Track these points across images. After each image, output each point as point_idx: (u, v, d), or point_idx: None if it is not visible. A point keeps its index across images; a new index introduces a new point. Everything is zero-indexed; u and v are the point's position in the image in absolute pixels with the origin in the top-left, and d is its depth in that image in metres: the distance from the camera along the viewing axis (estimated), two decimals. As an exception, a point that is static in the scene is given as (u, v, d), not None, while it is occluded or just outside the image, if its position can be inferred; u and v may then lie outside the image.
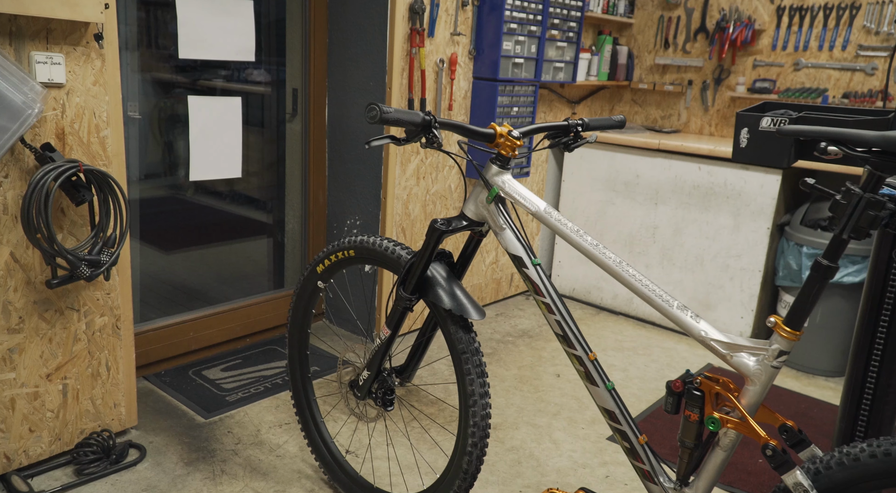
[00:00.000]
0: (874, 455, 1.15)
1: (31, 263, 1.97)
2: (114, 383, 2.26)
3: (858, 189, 1.15)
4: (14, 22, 1.79)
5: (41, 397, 2.09)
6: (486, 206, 1.64)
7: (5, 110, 1.71)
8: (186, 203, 3.21)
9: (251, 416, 2.54)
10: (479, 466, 1.72)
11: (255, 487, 2.14)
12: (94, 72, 1.98)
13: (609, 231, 3.79)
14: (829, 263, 1.20)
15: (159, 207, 3.06)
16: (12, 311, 1.97)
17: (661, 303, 1.38)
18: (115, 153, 2.08)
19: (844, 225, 1.16)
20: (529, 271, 1.56)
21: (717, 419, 1.32)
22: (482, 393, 1.68)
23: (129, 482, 2.12)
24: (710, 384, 1.33)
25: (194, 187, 3.17)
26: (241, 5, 2.71)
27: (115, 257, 2.00)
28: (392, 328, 1.80)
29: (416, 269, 1.70)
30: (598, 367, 1.50)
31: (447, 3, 3.03)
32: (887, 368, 1.66)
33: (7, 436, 2.04)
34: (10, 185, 1.88)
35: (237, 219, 3.37)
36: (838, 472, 1.19)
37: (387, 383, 1.86)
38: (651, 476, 1.44)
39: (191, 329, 2.92)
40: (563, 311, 1.54)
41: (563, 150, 1.74)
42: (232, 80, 3.10)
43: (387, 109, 1.34)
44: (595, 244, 1.47)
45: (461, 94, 3.23)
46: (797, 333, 1.25)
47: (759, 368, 1.28)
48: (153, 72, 2.85)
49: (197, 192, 3.20)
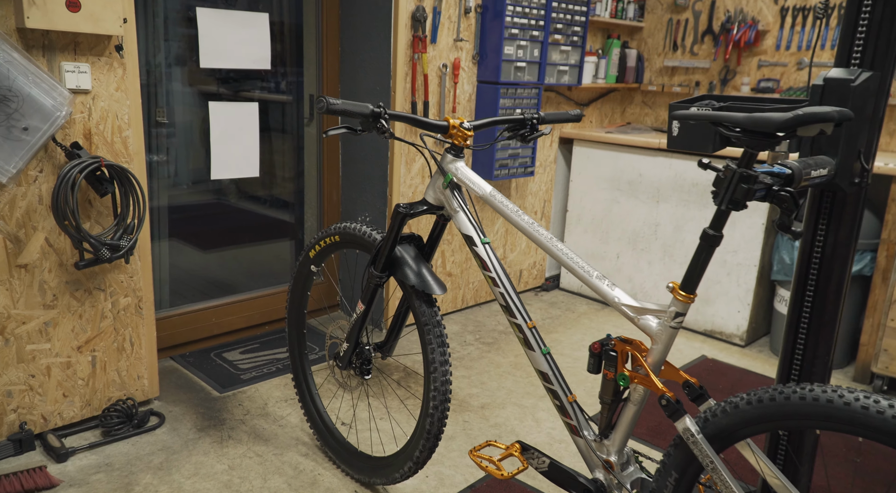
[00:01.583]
0: (749, 403, 1.30)
1: (63, 247, 2.26)
2: (137, 358, 2.53)
3: (734, 166, 1.30)
4: (46, 36, 2.08)
5: (73, 366, 2.38)
6: (442, 191, 1.84)
7: (37, 113, 2.00)
8: (222, 206, 3.50)
9: (261, 392, 2.79)
10: (441, 427, 1.91)
11: (256, 450, 2.37)
12: (117, 79, 2.26)
13: (614, 228, 3.92)
14: (714, 232, 1.35)
15: (200, 211, 3.37)
16: (47, 289, 2.26)
17: (584, 274, 1.55)
18: (136, 151, 2.36)
19: (723, 197, 1.31)
20: (479, 249, 1.75)
21: (627, 376, 1.48)
22: (442, 361, 1.87)
23: (148, 443, 2.38)
24: (622, 346, 1.49)
25: (236, 192, 3.47)
26: (257, 19, 2.98)
27: (133, 242, 2.28)
28: (366, 304, 2.01)
29: (383, 249, 1.91)
30: (535, 334, 1.67)
31: (449, 11, 3.24)
32: (812, 341, 1.78)
33: (44, 399, 2.33)
34: (45, 178, 2.17)
35: (266, 219, 3.64)
36: (722, 418, 1.34)
37: (364, 354, 2.07)
38: (577, 430, 1.60)
39: (213, 315, 3.20)
40: (507, 284, 1.72)
41: (521, 140, 1.92)
42: (255, 89, 3.38)
43: (333, 101, 1.55)
44: (531, 222, 1.65)
45: (465, 97, 3.43)
46: (691, 296, 1.40)
47: (660, 328, 1.44)
48: (188, 81, 3.14)
49: (230, 195, 3.49)
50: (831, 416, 1.20)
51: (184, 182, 3.26)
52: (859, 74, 1.55)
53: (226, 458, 2.32)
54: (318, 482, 2.22)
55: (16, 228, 2.15)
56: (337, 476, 2.25)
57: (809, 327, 1.75)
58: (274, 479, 2.22)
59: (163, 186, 3.11)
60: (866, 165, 1.60)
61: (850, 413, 1.17)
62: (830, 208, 1.68)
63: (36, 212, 2.17)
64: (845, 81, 1.53)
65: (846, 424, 1.18)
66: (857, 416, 1.16)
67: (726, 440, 1.36)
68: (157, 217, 3.09)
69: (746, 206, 1.31)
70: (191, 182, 3.28)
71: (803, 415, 1.23)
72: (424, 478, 2.25)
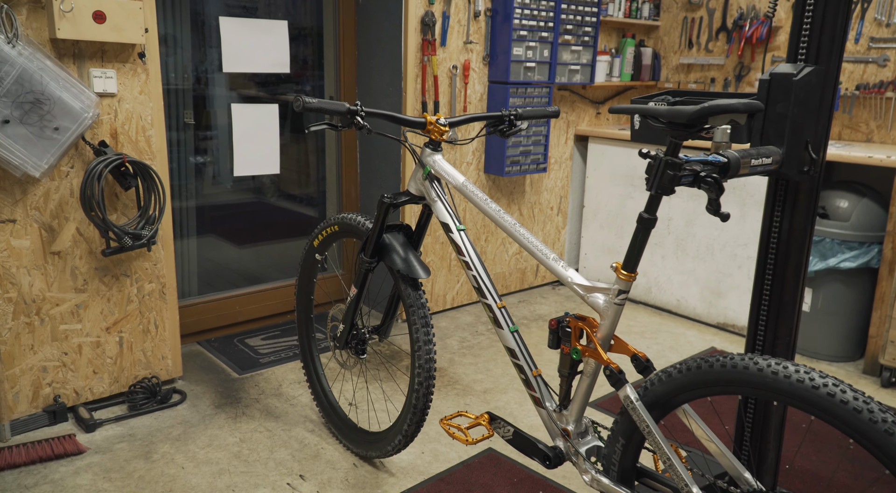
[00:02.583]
0: (680, 371, 1.40)
1: (92, 236, 2.48)
2: (161, 339, 2.75)
3: (662, 154, 1.40)
4: (76, 45, 2.31)
5: (102, 345, 2.60)
6: (422, 182, 1.98)
7: (67, 114, 2.22)
8: (253, 205, 3.72)
9: (276, 374, 2.97)
10: (426, 402, 2.05)
11: (266, 426, 2.55)
12: (140, 83, 2.48)
13: (629, 224, 3.99)
14: (648, 215, 1.45)
15: (236, 209, 3.61)
16: (78, 274, 2.49)
17: (541, 256, 1.67)
18: (158, 149, 2.58)
19: (652, 183, 1.41)
20: (454, 235, 1.88)
21: (579, 350, 1.59)
22: (426, 340, 2.01)
23: (169, 418, 2.59)
24: (576, 322, 1.61)
25: (276, 192, 3.70)
26: (276, 25, 3.17)
27: (154, 231, 2.49)
28: (358, 288, 2.17)
29: (372, 236, 2.06)
30: (504, 314, 1.80)
31: (459, 15, 3.39)
32: (773, 323, 1.85)
33: (76, 375, 2.56)
34: (76, 174, 2.40)
35: (293, 215, 3.84)
36: (658, 387, 1.44)
37: (359, 335, 2.23)
38: (540, 402, 1.72)
39: (237, 304, 3.41)
40: (479, 268, 1.85)
41: (500, 135, 2.05)
42: (279, 92, 3.58)
43: (309, 100, 1.71)
44: (497, 209, 1.78)
45: (476, 96, 3.56)
46: (632, 275, 1.51)
47: (607, 305, 1.55)
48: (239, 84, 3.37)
49: (266, 194, 3.72)
50: (747, 381, 1.29)
51: (217, 182, 3.48)
52: (802, 69, 1.62)
53: (238, 432, 2.51)
54: (321, 454, 2.38)
55: (50, 219, 2.38)
56: (338, 450, 2.41)
57: (769, 309, 1.82)
58: (280, 451, 2.39)
59: (192, 186, 3.34)
60: (814, 154, 1.67)
61: (760, 378, 1.26)
62: (784, 196, 1.76)
63: (67, 204, 2.40)
64: (788, 76, 1.62)
65: (758, 388, 1.27)
66: (767, 380, 1.25)
67: (665, 407, 1.46)
68: (187, 215, 3.32)
69: (674, 191, 1.41)
70: (216, 182, 3.51)
71: (725, 382, 1.33)
72: (420, 454, 2.39)
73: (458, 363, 3.13)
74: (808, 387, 1.21)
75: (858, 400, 1.17)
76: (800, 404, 1.23)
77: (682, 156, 1.42)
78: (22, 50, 2.13)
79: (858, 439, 1.16)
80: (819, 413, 1.21)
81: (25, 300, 2.39)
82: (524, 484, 2.21)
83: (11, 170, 2.20)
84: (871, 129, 3.55)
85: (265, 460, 2.34)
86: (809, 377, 1.22)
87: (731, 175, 1.52)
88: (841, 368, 3.23)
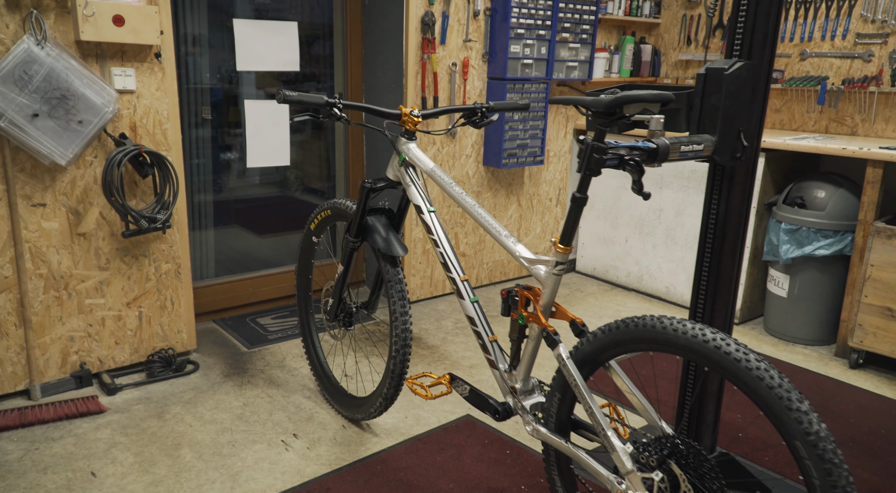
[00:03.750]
0: (604, 332, 1.60)
1: (114, 220, 2.76)
2: (177, 315, 3.02)
3: (590, 139, 1.60)
4: (98, 47, 2.58)
5: (123, 319, 2.88)
6: (398, 168, 2.20)
7: (90, 109, 2.49)
8: (271, 198, 3.99)
9: (282, 349, 3.23)
10: (403, 368, 2.27)
11: (268, 393, 2.81)
12: (157, 81, 2.74)
13: (622, 214, 4.16)
14: (580, 195, 1.65)
15: (262, 202, 3.89)
16: (101, 254, 2.76)
17: (495, 233, 1.88)
18: (173, 141, 2.84)
19: (581, 165, 1.61)
20: (425, 216, 2.10)
21: (524, 316, 1.79)
22: (402, 312, 2.23)
23: (182, 384, 2.86)
24: (523, 292, 1.81)
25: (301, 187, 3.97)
26: (286, 26, 3.42)
27: (168, 215, 2.75)
28: (345, 265, 2.40)
29: (355, 218, 2.29)
30: (466, 286, 2.01)
31: (459, 15, 3.59)
32: (711, 296, 2.02)
33: (100, 345, 2.84)
34: (99, 163, 2.67)
35: (308, 206, 4.08)
36: (586, 347, 1.64)
37: (347, 307, 2.46)
38: (494, 364, 1.93)
39: (250, 286, 3.68)
40: (446, 246, 2.06)
41: (473, 126, 2.26)
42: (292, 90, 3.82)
43: (289, 93, 1.93)
44: (460, 192, 1.99)
45: (476, 92, 3.77)
46: (567, 248, 1.70)
47: (547, 275, 1.75)
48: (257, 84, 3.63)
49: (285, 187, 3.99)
50: (654, 339, 1.48)
51: (236, 175, 3.75)
52: (733, 64, 1.80)
53: (242, 397, 2.76)
54: (314, 417, 2.62)
55: (76, 204, 2.66)
56: (330, 414, 2.65)
57: (708, 284, 2.00)
58: (278, 414, 2.64)
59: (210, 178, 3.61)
60: (745, 142, 1.85)
61: (664, 335, 1.45)
62: (721, 181, 1.94)
63: (91, 190, 2.68)
64: (720, 70, 1.80)
65: (662, 344, 1.47)
66: (669, 337, 1.44)
67: (593, 364, 1.66)
68: (202, 208, 3.59)
69: (601, 172, 1.61)
70: (237, 175, 3.77)
71: (639, 339, 1.52)
72: (404, 419, 2.62)
73: (451, 342, 3.34)
74: (700, 341, 1.40)
75: (739, 351, 1.36)
76: (694, 357, 1.42)
77: (612, 142, 1.61)
78: (50, 51, 2.40)
79: (739, 384, 1.35)
80: (709, 364, 1.40)
81: (55, 276, 2.68)
82: (494, 445, 2.43)
83: (41, 158, 2.48)
84: (856, 122, 3.66)
85: (264, 421, 2.59)
86: (702, 334, 1.41)
87: (660, 160, 1.71)
88: (815, 351, 3.36)
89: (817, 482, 1.24)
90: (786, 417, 1.27)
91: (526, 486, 2.21)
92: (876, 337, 3.08)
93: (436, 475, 2.26)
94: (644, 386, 2.92)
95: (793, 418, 1.26)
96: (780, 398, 1.28)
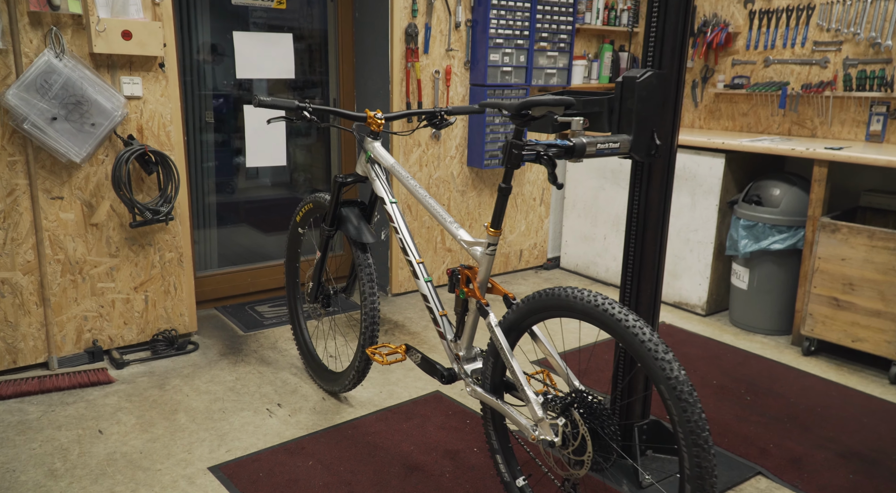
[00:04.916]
0: (525, 302, 1.87)
1: (123, 212, 3.08)
2: (179, 300, 3.34)
3: (512, 138, 1.87)
4: (109, 58, 2.91)
5: (131, 301, 3.20)
6: (365, 165, 2.49)
7: (101, 113, 2.82)
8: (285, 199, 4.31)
9: (275, 333, 3.53)
10: (372, 344, 2.55)
11: (258, 370, 3.11)
12: (161, 88, 3.06)
13: (601, 213, 4.41)
14: (504, 185, 1.92)
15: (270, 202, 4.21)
16: (112, 242, 3.09)
17: (441, 219, 2.16)
18: (176, 142, 3.16)
19: (503, 159, 1.88)
20: (387, 207, 2.39)
21: (465, 291, 2.07)
22: (370, 293, 2.52)
23: (182, 361, 3.17)
24: (464, 271, 2.09)
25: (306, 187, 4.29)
26: (282, 38, 3.73)
27: (170, 208, 3.07)
28: (322, 251, 2.69)
29: (329, 209, 2.59)
30: (421, 267, 2.29)
31: (441, 26, 3.89)
32: (636, 279, 2.28)
33: (110, 324, 3.17)
34: (109, 161, 3.00)
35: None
36: (511, 315, 1.91)
37: (325, 289, 2.76)
38: (443, 335, 2.20)
39: (249, 277, 3.99)
40: (404, 232, 2.34)
41: (434, 128, 2.54)
42: (294, 97, 4.14)
43: (263, 99, 2.22)
44: (415, 185, 2.27)
45: (459, 98, 4.05)
46: (497, 231, 1.98)
47: (482, 255, 2.02)
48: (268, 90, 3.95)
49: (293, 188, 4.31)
50: (562, 306, 1.75)
51: (244, 175, 4.08)
52: (644, 73, 2.07)
53: (235, 373, 3.07)
54: (298, 390, 2.92)
55: (89, 197, 2.99)
56: (313, 388, 2.94)
57: (634, 267, 2.27)
58: (266, 387, 2.94)
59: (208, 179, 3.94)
60: (658, 141, 2.11)
61: (569, 302, 1.72)
62: (642, 175, 2.21)
63: (103, 185, 3.00)
64: (633, 78, 2.06)
65: (569, 310, 1.74)
66: (573, 303, 1.71)
67: (518, 330, 1.93)
68: (206, 206, 3.91)
69: (520, 165, 1.89)
70: (244, 176, 4.10)
71: (552, 307, 1.79)
72: (378, 393, 2.91)
73: (431, 329, 3.63)
74: (592, 305, 1.67)
75: (621, 313, 1.62)
76: (589, 320, 1.69)
77: (532, 139, 1.89)
78: (67, 62, 2.73)
79: (620, 340, 1.62)
80: (600, 324, 1.67)
81: (71, 262, 3.00)
82: (456, 416, 2.70)
83: (59, 157, 2.81)
84: (815, 125, 3.89)
85: (252, 393, 2.89)
86: (595, 301, 1.68)
87: (577, 155, 1.98)
88: (773, 340, 3.59)
89: (676, 417, 1.51)
90: (653, 364, 1.54)
91: (478, 448, 2.49)
92: (825, 325, 3.31)
93: (400, 438, 2.54)
94: (603, 369, 3.18)
95: (658, 366, 1.53)
96: (649, 350, 1.54)
